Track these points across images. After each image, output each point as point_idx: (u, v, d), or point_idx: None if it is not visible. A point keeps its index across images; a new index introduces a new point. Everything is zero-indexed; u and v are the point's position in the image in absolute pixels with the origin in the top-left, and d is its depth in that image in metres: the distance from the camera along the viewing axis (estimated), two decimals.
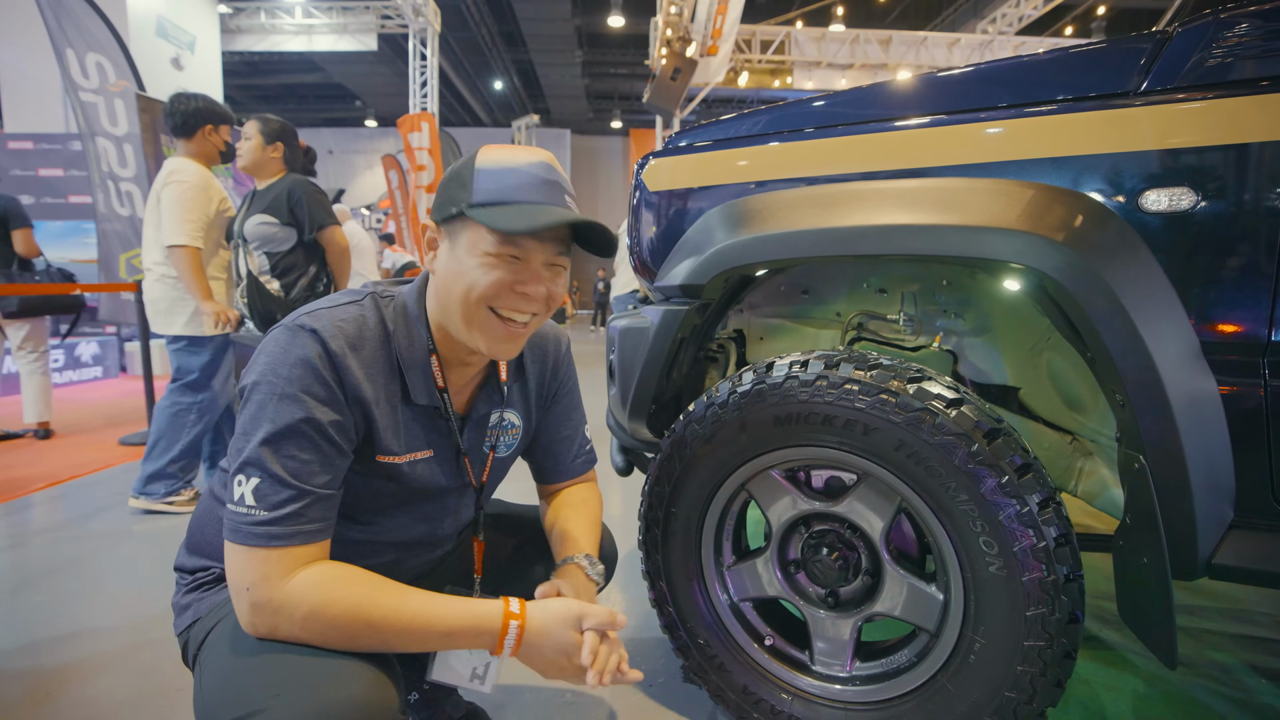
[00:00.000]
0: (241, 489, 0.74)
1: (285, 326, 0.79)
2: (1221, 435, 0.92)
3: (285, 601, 0.72)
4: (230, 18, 10.94)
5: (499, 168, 0.82)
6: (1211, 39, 0.92)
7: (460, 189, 0.82)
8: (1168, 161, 0.92)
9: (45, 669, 1.50)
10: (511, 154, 0.84)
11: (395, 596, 0.76)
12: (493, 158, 0.83)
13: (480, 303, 0.82)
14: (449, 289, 0.84)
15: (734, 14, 10.00)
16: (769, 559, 1.21)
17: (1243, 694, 1.40)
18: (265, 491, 0.74)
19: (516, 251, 0.81)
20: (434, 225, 0.86)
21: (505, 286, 0.82)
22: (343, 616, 0.73)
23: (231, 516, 0.74)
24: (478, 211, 0.79)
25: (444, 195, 0.84)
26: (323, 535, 0.77)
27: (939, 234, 1.02)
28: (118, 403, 5.00)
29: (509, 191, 0.80)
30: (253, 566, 0.73)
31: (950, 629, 1.04)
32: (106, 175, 4.60)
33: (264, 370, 0.77)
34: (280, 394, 0.75)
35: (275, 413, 0.75)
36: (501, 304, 0.83)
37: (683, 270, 1.27)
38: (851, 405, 1.01)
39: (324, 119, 20.42)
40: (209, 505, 0.95)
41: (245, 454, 0.74)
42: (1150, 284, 0.92)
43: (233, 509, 0.75)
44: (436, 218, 0.85)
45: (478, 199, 0.80)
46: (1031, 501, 0.92)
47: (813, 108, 1.26)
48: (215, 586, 0.90)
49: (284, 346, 0.77)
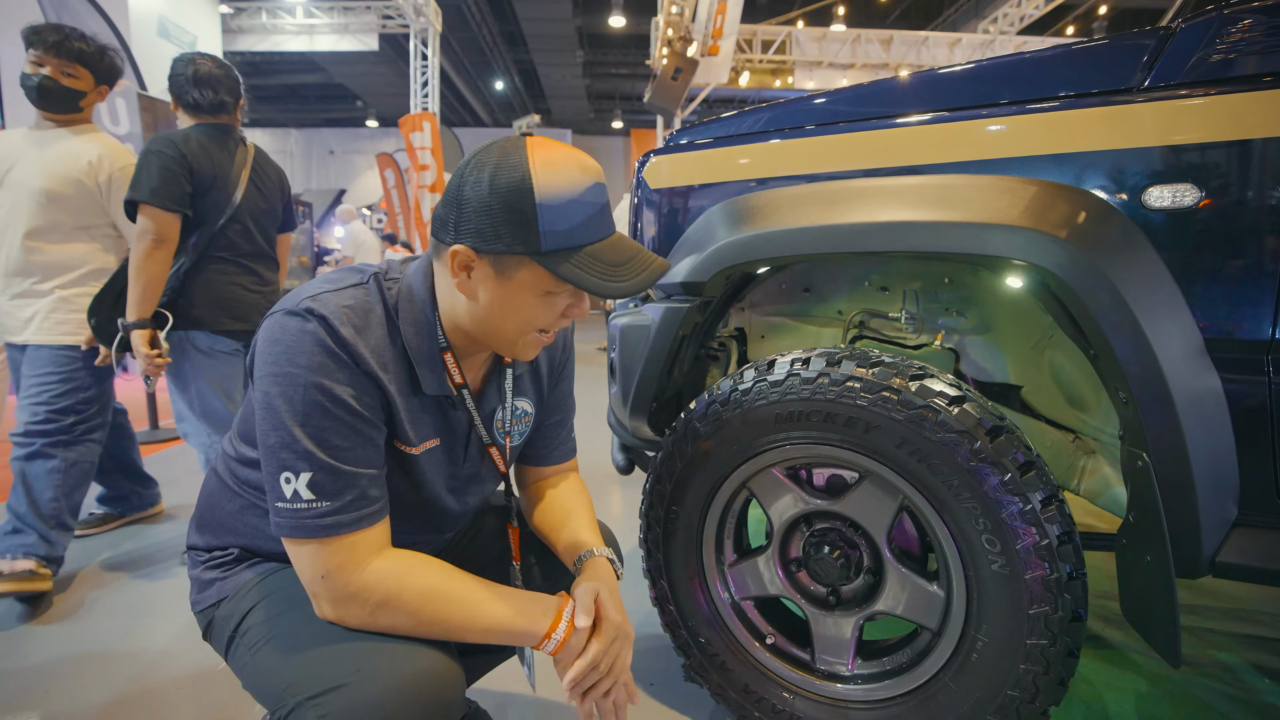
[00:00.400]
0: (293, 485, 0.74)
1: (287, 311, 0.77)
2: (1225, 433, 0.92)
3: (361, 589, 0.75)
4: (231, 18, 10.95)
5: (561, 201, 0.74)
6: (1215, 35, 0.92)
7: (522, 228, 0.74)
8: (1171, 158, 0.92)
9: (45, 668, 1.50)
10: (566, 178, 0.75)
11: (464, 587, 0.79)
12: (552, 186, 0.74)
13: (528, 329, 0.82)
14: (493, 316, 0.81)
15: (734, 14, 10.00)
16: (770, 557, 1.21)
17: (1246, 693, 1.40)
18: (320, 483, 0.74)
19: (569, 287, 0.80)
20: (470, 252, 0.76)
21: (556, 314, 0.82)
22: (414, 603, 0.76)
23: (289, 514, 0.74)
24: (555, 264, 0.75)
25: (495, 226, 0.74)
26: (384, 512, 0.80)
27: (942, 230, 1.01)
28: (119, 402, 5.00)
29: (577, 234, 0.76)
30: (324, 558, 0.75)
31: (952, 627, 1.03)
32: None
33: (277, 360, 0.75)
34: (304, 384, 0.74)
35: (303, 404, 0.74)
36: (547, 325, 0.83)
37: (684, 268, 1.27)
38: (853, 403, 1.01)
39: (325, 119, 20.44)
40: (216, 485, 0.95)
41: (285, 451, 0.74)
42: (1154, 280, 0.92)
43: (287, 506, 0.74)
44: (481, 247, 0.76)
45: (548, 246, 0.74)
46: (1034, 499, 0.92)
47: (814, 105, 1.26)
48: (236, 566, 0.91)
49: (293, 334, 0.75)
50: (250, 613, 0.84)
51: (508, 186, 0.74)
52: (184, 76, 1.89)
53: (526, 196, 0.73)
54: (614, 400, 1.48)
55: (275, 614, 0.82)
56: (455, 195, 0.77)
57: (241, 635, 0.84)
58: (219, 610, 0.88)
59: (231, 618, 0.86)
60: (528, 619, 0.80)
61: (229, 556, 0.92)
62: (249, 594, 0.87)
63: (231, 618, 0.86)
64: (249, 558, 0.92)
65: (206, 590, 0.91)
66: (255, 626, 0.83)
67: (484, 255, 0.77)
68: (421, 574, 0.78)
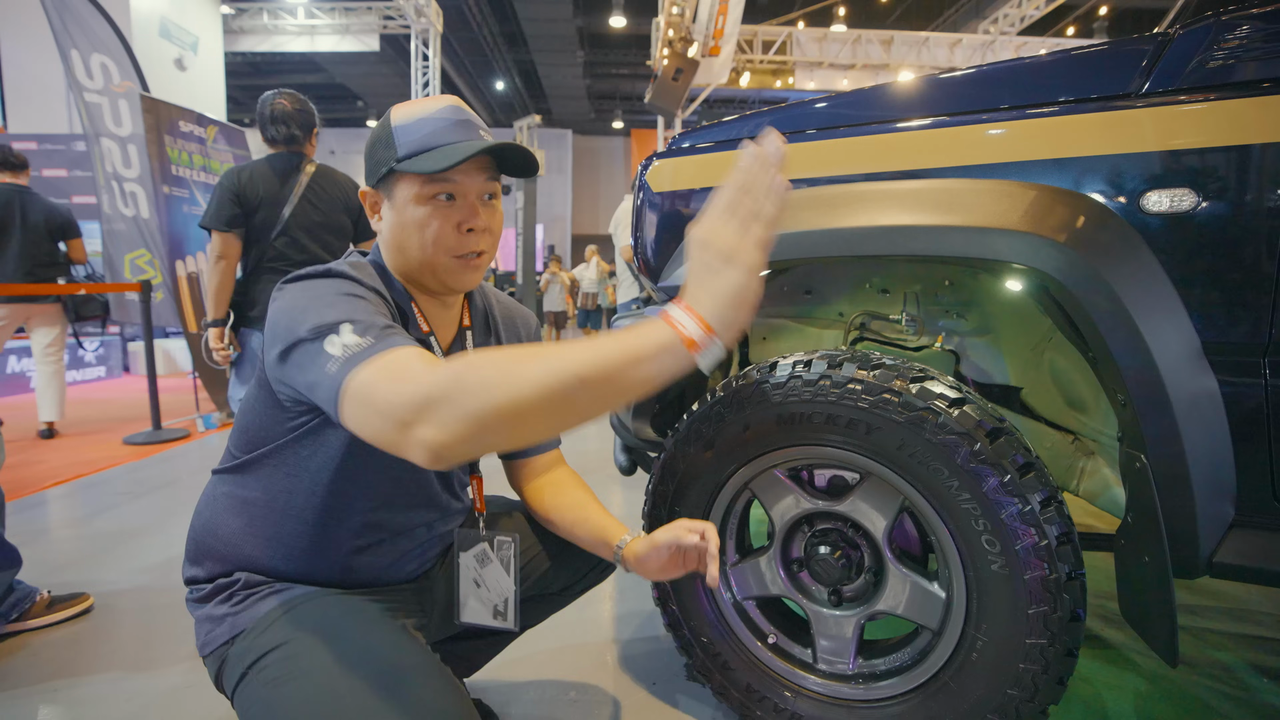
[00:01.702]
0: (339, 339, 0.70)
1: (305, 274, 0.84)
2: (1223, 434, 0.92)
3: (449, 388, 0.61)
4: (233, 18, 10.96)
5: (413, 120, 0.87)
6: (1213, 40, 0.93)
7: (385, 149, 0.87)
8: (1169, 163, 0.93)
9: (47, 666, 1.51)
10: (421, 106, 0.89)
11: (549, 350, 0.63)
12: (406, 113, 0.88)
13: (436, 249, 0.88)
14: (402, 244, 0.89)
15: (735, 14, 10.00)
16: (772, 557, 1.21)
17: (1244, 693, 1.41)
18: (364, 324, 0.72)
19: (449, 189, 0.87)
20: (371, 190, 0.92)
21: (450, 227, 0.87)
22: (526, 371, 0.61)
23: (341, 364, 0.68)
24: (405, 163, 0.85)
25: (372, 160, 0.90)
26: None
27: (942, 235, 1.02)
28: (121, 402, 5.02)
29: (428, 139, 0.86)
30: (389, 378, 0.65)
31: (953, 627, 1.04)
32: (111, 176, 4.61)
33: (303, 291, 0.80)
34: (331, 290, 0.80)
35: (333, 296, 0.78)
36: (454, 247, 0.88)
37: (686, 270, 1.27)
38: (854, 405, 1.02)
39: (326, 119, 20.30)
40: (212, 513, 0.94)
41: (322, 327, 0.73)
42: (1152, 284, 0.93)
43: (339, 358, 0.69)
44: (371, 182, 0.91)
45: (403, 153, 0.85)
46: (1033, 500, 0.93)
47: (815, 109, 1.27)
48: (249, 597, 0.88)
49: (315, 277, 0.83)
50: (276, 649, 0.80)
51: (379, 126, 0.90)
52: (264, 114, 2.26)
53: (385, 125, 0.89)
54: None
55: (303, 650, 0.80)
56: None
57: (259, 670, 0.80)
58: (232, 648, 0.84)
59: (249, 653, 0.82)
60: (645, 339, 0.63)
61: (236, 584, 0.89)
62: (273, 628, 0.83)
63: (249, 653, 0.82)
64: (259, 583, 0.89)
65: (217, 627, 0.87)
66: (279, 662, 0.79)
67: (377, 189, 0.91)
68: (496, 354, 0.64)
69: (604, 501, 1.12)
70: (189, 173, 4.57)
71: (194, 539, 0.95)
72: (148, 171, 4.45)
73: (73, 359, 5.85)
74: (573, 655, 1.53)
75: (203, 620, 0.89)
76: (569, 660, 1.51)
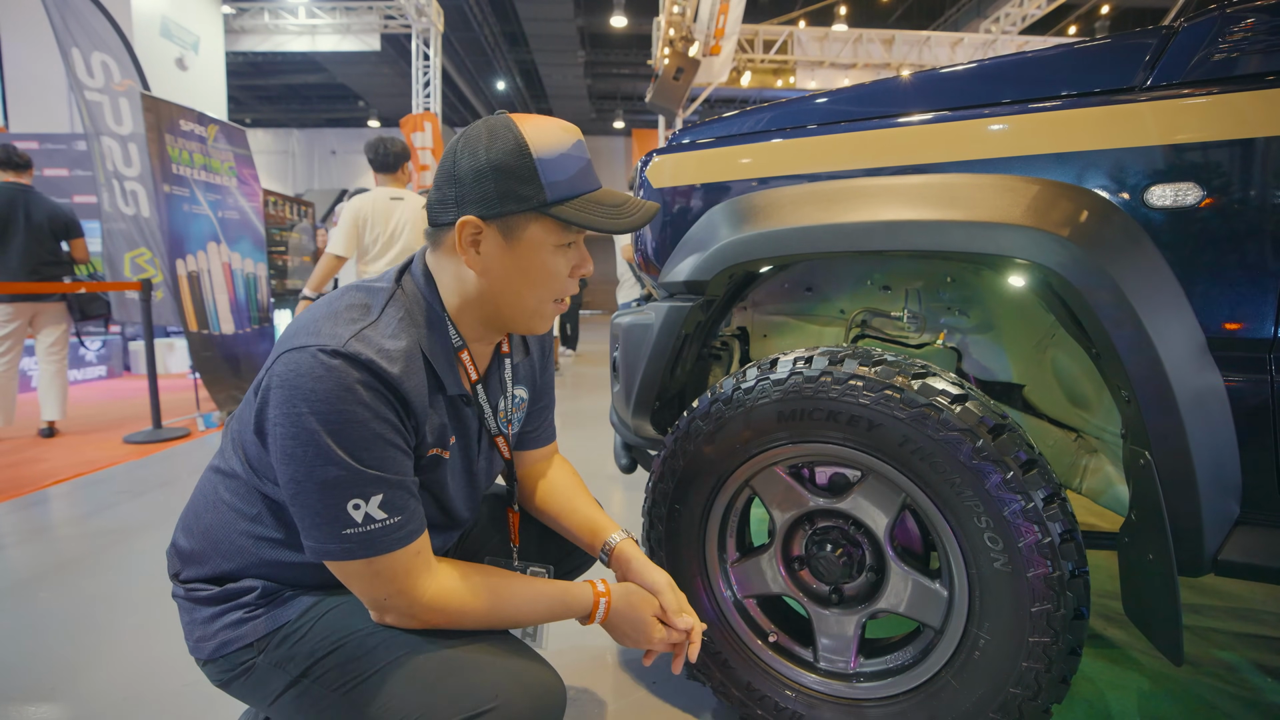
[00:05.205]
0: (363, 510, 0.75)
1: (326, 350, 0.73)
2: (1227, 431, 0.92)
3: (430, 605, 0.81)
4: (234, 18, 10.95)
5: (555, 155, 0.78)
6: (1217, 34, 0.92)
7: (525, 185, 0.77)
8: (1173, 157, 0.92)
9: (48, 666, 1.51)
10: (555, 136, 0.80)
11: (511, 587, 0.88)
12: (545, 144, 0.78)
13: (546, 294, 0.84)
14: (509, 287, 0.83)
15: (736, 13, 9.98)
16: (773, 556, 1.21)
17: (1249, 692, 1.40)
18: (393, 501, 0.77)
19: (576, 237, 0.84)
20: (479, 222, 0.78)
21: (566, 272, 0.85)
22: (480, 611, 0.84)
23: (360, 538, 0.75)
24: (560, 210, 0.78)
25: (499, 190, 0.77)
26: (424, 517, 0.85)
27: (944, 229, 1.02)
28: (122, 401, 5.02)
29: (576, 183, 0.80)
30: (398, 569, 0.78)
31: (955, 625, 1.04)
32: (111, 175, 4.61)
33: (325, 399, 0.72)
34: (357, 420, 0.73)
35: (360, 439, 0.74)
36: (560, 291, 0.86)
37: (687, 267, 1.27)
38: (856, 401, 1.01)
39: (327, 119, 20.43)
40: (218, 517, 0.87)
41: (349, 484, 0.73)
42: (1156, 279, 0.92)
43: (358, 531, 0.75)
44: (487, 214, 0.78)
45: (554, 196, 0.78)
46: (1036, 497, 0.92)
47: (816, 104, 1.26)
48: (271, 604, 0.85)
49: (338, 374, 0.73)
50: (334, 652, 0.80)
51: (505, 151, 0.77)
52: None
53: (525, 156, 0.77)
54: (616, 399, 1.49)
55: (374, 647, 0.80)
56: (450, 174, 0.80)
57: (317, 676, 0.80)
58: (262, 657, 0.82)
59: (294, 660, 0.81)
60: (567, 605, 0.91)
61: (252, 593, 0.85)
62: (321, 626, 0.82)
63: (294, 660, 0.81)
64: (278, 592, 0.86)
65: (239, 629, 0.83)
66: (347, 663, 0.80)
67: (491, 222, 0.79)
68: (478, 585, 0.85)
69: (604, 501, 1.12)
70: (190, 172, 4.57)
71: (194, 539, 0.89)
72: (148, 170, 4.45)
73: (73, 358, 5.86)
74: (572, 655, 1.53)
75: (206, 622, 0.85)
76: (569, 660, 1.51)
